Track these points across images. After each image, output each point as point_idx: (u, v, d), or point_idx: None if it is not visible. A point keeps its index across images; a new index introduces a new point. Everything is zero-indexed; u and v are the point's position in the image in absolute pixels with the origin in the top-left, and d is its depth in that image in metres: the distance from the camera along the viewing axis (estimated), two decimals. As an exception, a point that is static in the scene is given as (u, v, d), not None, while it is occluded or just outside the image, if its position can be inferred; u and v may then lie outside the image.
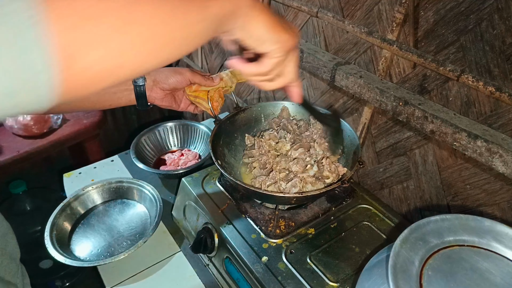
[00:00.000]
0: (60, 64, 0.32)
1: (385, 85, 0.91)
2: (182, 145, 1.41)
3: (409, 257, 0.47)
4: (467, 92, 0.83)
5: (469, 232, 0.50)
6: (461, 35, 0.80)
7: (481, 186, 0.86)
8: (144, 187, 1.15)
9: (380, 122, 1.06)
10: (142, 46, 0.38)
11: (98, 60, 0.35)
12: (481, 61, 0.78)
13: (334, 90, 1.18)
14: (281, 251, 0.82)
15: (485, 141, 0.72)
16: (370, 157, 1.12)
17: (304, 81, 1.29)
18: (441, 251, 0.49)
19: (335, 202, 0.95)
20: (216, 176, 1.03)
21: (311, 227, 0.88)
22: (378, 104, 0.91)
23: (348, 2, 1.02)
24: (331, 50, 1.13)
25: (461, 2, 0.78)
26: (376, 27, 0.97)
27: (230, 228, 0.88)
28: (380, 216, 0.92)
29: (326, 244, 0.84)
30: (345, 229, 0.88)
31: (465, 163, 0.87)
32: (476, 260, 0.47)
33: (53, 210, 1.07)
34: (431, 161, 0.95)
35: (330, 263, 0.79)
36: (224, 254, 0.88)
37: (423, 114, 0.82)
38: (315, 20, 1.15)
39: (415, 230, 0.50)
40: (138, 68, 0.40)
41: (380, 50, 0.98)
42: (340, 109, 1.18)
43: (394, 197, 1.08)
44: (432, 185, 0.97)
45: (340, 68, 0.99)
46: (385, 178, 1.09)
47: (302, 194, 0.76)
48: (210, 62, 1.85)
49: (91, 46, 0.34)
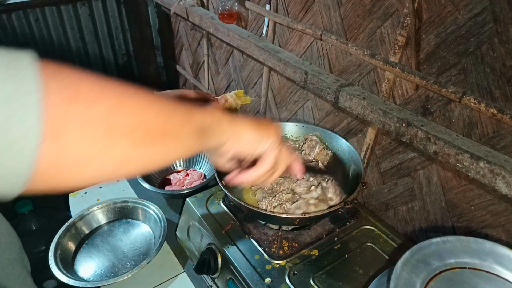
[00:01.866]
0: (46, 135, 0.31)
1: (388, 107, 0.92)
2: (188, 165, 1.42)
3: (410, 279, 0.47)
4: (469, 114, 0.83)
5: (471, 255, 0.50)
6: (462, 57, 0.81)
7: (485, 207, 0.85)
8: (149, 207, 1.16)
9: (384, 143, 1.06)
10: (123, 142, 0.37)
11: (77, 144, 0.33)
12: (482, 83, 0.79)
13: (338, 111, 1.19)
14: (284, 272, 0.82)
15: (487, 163, 0.72)
16: (375, 178, 1.12)
17: (309, 102, 1.30)
18: (442, 273, 0.49)
19: (339, 223, 0.95)
20: (221, 196, 1.04)
21: (315, 248, 0.88)
22: (381, 125, 0.92)
23: (351, 26, 1.04)
24: (335, 72, 1.15)
25: (461, 26, 0.79)
26: (379, 49, 0.99)
27: (233, 249, 0.88)
28: (383, 237, 0.92)
29: (329, 266, 0.83)
30: (348, 250, 0.87)
31: (469, 184, 0.87)
32: (477, 282, 0.47)
33: (58, 230, 1.08)
34: (435, 182, 0.95)
35: (334, 285, 0.79)
36: (227, 275, 0.88)
37: (426, 135, 0.82)
38: (319, 42, 1.17)
39: (416, 252, 0.50)
40: (111, 168, 0.38)
41: (383, 72, 0.99)
42: (344, 129, 1.18)
43: (399, 218, 1.08)
44: (437, 206, 0.96)
45: (344, 89, 1.01)
46: (390, 199, 1.09)
47: (305, 215, 0.76)
48: (216, 83, 1.87)
49: (75, 128, 0.33)
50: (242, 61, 1.60)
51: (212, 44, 1.78)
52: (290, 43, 1.29)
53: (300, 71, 1.12)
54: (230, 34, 1.39)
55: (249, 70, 1.58)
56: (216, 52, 1.77)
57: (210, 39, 1.77)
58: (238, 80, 1.68)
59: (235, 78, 1.70)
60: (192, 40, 1.96)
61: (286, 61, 1.17)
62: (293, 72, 1.16)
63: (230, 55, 1.67)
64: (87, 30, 1.99)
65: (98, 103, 0.35)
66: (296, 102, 1.37)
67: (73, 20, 1.93)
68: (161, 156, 0.42)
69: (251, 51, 1.32)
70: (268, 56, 1.24)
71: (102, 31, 2.04)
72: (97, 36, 2.04)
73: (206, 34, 1.76)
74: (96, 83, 0.36)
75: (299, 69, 1.13)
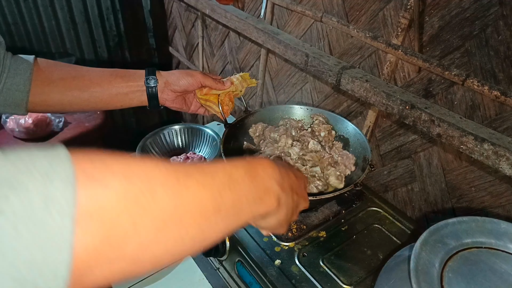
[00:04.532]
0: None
1: (391, 89, 0.93)
2: (187, 148, 1.41)
3: (429, 259, 0.48)
4: (472, 96, 0.85)
5: (486, 234, 0.52)
6: (466, 40, 0.82)
7: (486, 188, 0.87)
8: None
9: (385, 125, 1.07)
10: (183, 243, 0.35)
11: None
12: (486, 66, 0.80)
13: (338, 93, 1.19)
14: (293, 254, 0.83)
15: (492, 144, 0.74)
16: (374, 160, 1.13)
17: (308, 84, 1.30)
18: (459, 253, 0.50)
19: (345, 205, 0.97)
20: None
21: (322, 230, 0.89)
22: (384, 108, 0.93)
23: (352, 7, 1.04)
24: (335, 54, 1.15)
25: (466, 9, 0.80)
26: (381, 32, 0.99)
27: (242, 231, 0.89)
28: (390, 218, 0.94)
29: (338, 247, 0.85)
30: (356, 232, 0.89)
31: (470, 166, 0.89)
32: (494, 262, 0.49)
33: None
34: (436, 164, 0.97)
35: (343, 266, 0.81)
36: (235, 258, 0.89)
37: (429, 117, 0.83)
38: (319, 24, 1.16)
39: (434, 233, 0.52)
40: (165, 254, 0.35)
41: (385, 54, 1.00)
42: (344, 112, 1.19)
43: (398, 199, 1.10)
44: (437, 187, 0.98)
45: (346, 72, 1.01)
46: (390, 181, 1.11)
47: (316, 197, 0.77)
48: (211, 65, 1.86)
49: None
50: (239, 43, 1.58)
51: (207, 25, 1.75)
52: (289, 25, 1.28)
53: (301, 53, 1.12)
54: (228, 16, 1.37)
55: (245, 52, 1.56)
56: (211, 33, 1.75)
57: (205, 20, 1.75)
58: (234, 63, 1.67)
59: (230, 60, 1.69)
60: (186, 21, 1.92)
61: (286, 43, 1.16)
62: (293, 55, 1.15)
63: (226, 37, 1.65)
64: (77, 10, 1.94)
65: (153, 191, 0.33)
66: (295, 84, 1.36)
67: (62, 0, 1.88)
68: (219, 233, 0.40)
69: (249, 33, 1.30)
70: (267, 38, 1.23)
71: (93, 12, 1.99)
72: (87, 17, 1.99)
73: (201, 15, 1.73)
74: (139, 170, 0.33)
75: (299, 52, 1.12)
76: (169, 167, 0.35)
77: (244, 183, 0.43)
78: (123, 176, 0.31)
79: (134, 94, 0.86)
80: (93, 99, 0.82)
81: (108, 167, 0.31)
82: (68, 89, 0.80)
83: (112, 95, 0.83)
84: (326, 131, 1.03)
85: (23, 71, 0.74)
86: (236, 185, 0.42)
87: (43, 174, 0.27)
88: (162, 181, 0.34)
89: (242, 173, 0.43)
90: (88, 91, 0.81)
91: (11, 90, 0.73)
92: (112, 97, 0.84)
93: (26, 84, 0.74)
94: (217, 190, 0.39)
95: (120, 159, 0.33)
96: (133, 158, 0.34)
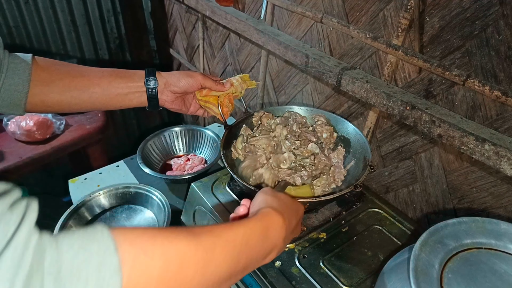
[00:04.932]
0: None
1: (391, 90, 0.93)
2: (188, 150, 1.41)
3: (429, 260, 0.48)
4: (473, 97, 0.84)
5: (486, 235, 0.51)
6: (467, 40, 0.81)
7: (487, 189, 0.87)
8: (152, 193, 1.15)
9: (385, 126, 1.07)
10: None
11: None
12: (487, 66, 0.80)
13: (339, 94, 1.19)
14: (294, 255, 0.83)
15: (493, 145, 0.74)
16: (375, 161, 1.13)
17: (308, 85, 1.30)
18: (459, 254, 0.50)
19: (345, 206, 0.96)
20: (226, 181, 1.04)
21: (323, 231, 0.89)
22: (385, 109, 0.92)
23: (353, 8, 1.04)
24: (335, 55, 1.14)
25: (466, 9, 0.80)
26: (381, 32, 0.99)
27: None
28: (390, 219, 0.93)
29: (338, 248, 0.85)
30: (356, 233, 0.89)
31: (471, 167, 0.89)
32: (494, 262, 0.48)
33: (55, 216, 1.07)
34: (437, 164, 0.96)
35: (343, 267, 0.80)
36: (235, 259, 0.88)
37: (430, 118, 0.83)
38: (319, 25, 1.16)
39: (433, 234, 0.51)
40: None
41: (385, 55, 1.00)
42: (345, 113, 1.19)
43: (399, 200, 1.10)
44: (438, 188, 0.98)
45: (346, 72, 1.01)
46: (391, 182, 1.11)
47: (316, 199, 0.77)
48: (212, 67, 1.86)
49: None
50: (239, 45, 1.58)
51: (207, 27, 1.75)
52: (289, 26, 1.28)
53: (301, 54, 1.12)
54: (228, 17, 1.38)
55: (246, 53, 1.56)
56: (211, 35, 1.75)
57: (205, 22, 1.75)
58: (235, 64, 1.67)
59: (231, 62, 1.69)
60: (187, 23, 1.93)
61: (286, 45, 1.16)
62: (294, 56, 1.15)
63: (227, 38, 1.65)
64: (78, 13, 1.94)
65: (187, 267, 0.42)
66: (295, 86, 1.36)
67: (63, 2, 1.88)
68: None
69: (249, 34, 1.30)
70: (268, 40, 1.23)
71: (94, 14, 1.99)
72: (88, 19, 1.99)
73: (202, 17, 1.73)
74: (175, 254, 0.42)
75: (299, 53, 1.12)
76: (198, 244, 0.44)
77: (257, 246, 0.52)
78: (163, 261, 0.41)
79: (133, 95, 0.86)
80: (92, 100, 0.82)
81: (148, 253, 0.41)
82: (67, 89, 0.79)
83: (111, 95, 0.83)
84: (328, 132, 1.02)
85: (22, 72, 0.73)
86: (251, 250, 0.50)
87: None
88: (195, 261, 0.43)
89: (257, 237, 0.52)
90: (87, 92, 0.81)
91: (10, 91, 0.73)
92: (112, 97, 0.84)
93: (24, 85, 0.74)
94: (237, 258, 0.48)
95: (158, 244, 0.41)
96: (168, 240, 0.42)
